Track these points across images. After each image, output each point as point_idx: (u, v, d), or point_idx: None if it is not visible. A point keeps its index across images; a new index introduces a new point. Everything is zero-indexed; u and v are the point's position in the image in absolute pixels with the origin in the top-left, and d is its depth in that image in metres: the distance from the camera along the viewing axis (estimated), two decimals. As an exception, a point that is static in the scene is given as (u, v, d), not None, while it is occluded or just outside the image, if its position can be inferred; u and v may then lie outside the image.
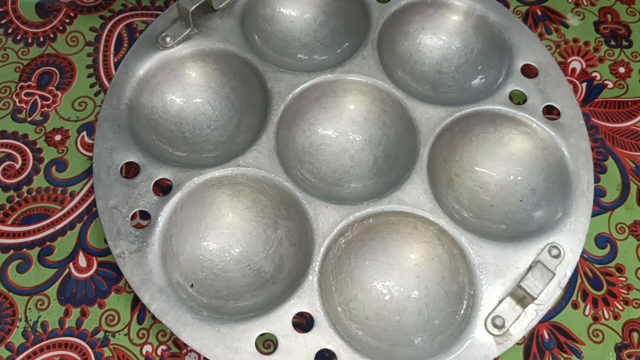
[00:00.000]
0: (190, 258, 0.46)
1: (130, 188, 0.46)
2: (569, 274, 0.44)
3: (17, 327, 0.47)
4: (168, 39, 0.52)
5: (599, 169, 0.54)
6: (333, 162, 0.50)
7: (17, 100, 0.56)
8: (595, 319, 0.49)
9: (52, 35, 0.59)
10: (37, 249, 0.50)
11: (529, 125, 0.50)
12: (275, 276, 0.46)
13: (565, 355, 0.47)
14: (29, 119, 0.55)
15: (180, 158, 0.50)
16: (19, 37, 0.59)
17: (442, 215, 0.46)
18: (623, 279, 0.50)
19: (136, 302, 0.48)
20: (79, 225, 0.51)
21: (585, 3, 0.63)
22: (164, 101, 0.52)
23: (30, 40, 0.59)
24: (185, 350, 0.47)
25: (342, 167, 0.50)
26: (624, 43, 0.61)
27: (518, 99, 0.52)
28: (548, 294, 0.43)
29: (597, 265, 0.50)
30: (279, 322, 0.42)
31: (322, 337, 0.42)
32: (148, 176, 0.47)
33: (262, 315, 0.42)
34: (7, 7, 0.61)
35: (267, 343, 0.45)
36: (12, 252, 0.50)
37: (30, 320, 0.47)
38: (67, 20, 0.60)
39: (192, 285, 0.45)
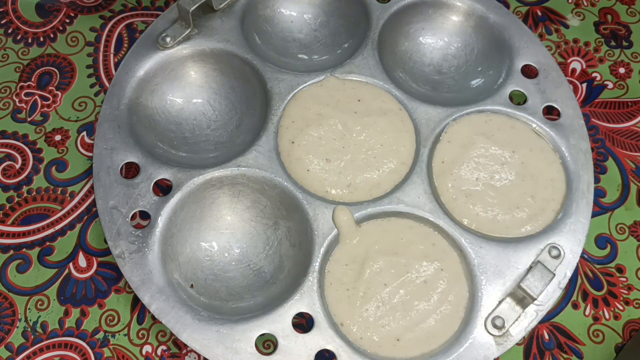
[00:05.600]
0: (190, 258, 0.46)
1: (130, 188, 0.46)
2: (569, 274, 0.44)
3: (17, 327, 0.47)
4: (168, 39, 0.52)
5: (599, 169, 0.54)
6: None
7: (17, 100, 0.56)
8: (596, 319, 0.49)
9: (52, 35, 0.59)
10: (37, 249, 0.50)
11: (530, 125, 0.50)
12: (275, 276, 0.46)
13: (565, 356, 0.47)
14: (29, 119, 0.55)
15: (180, 158, 0.50)
16: (19, 37, 0.59)
17: (442, 215, 0.46)
18: (623, 279, 0.50)
19: (136, 302, 0.48)
20: (78, 226, 0.51)
21: (585, 3, 0.63)
22: (164, 101, 0.52)
23: (30, 40, 0.59)
24: (185, 351, 0.47)
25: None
26: (624, 43, 0.61)
27: (518, 99, 0.52)
28: (548, 295, 0.43)
29: (597, 266, 0.50)
30: (279, 323, 0.42)
31: (322, 337, 0.42)
32: (148, 176, 0.47)
33: (262, 315, 0.42)
34: (7, 7, 0.61)
35: (267, 343, 0.45)
36: (12, 252, 0.50)
37: (30, 320, 0.47)
38: (67, 20, 0.60)
39: (192, 286, 0.45)
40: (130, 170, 0.49)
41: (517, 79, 0.52)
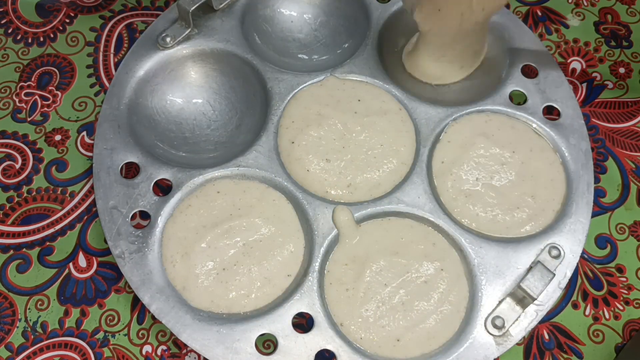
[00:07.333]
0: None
1: (130, 188, 0.46)
2: (569, 274, 0.44)
3: (17, 327, 0.47)
4: (168, 39, 0.52)
5: (599, 169, 0.54)
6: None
7: (17, 100, 0.56)
8: (596, 319, 0.49)
9: (52, 35, 0.59)
10: (37, 249, 0.50)
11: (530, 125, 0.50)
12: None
13: (565, 356, 0.47)
14: (29, 119, 0.55)
15: (180, 158, 0.50)
16: (19, 37, 0.59)
17: (441, 215, 0.46)
18: (623, 279, 0.50)
19: (136, 302, 0.48)
20: (78, 225, 0.51)
21: (585, 3, 0.63)
22: (164, 101, 0.52)
23: (30, 40, 0.59)
24: (185, 351, 0.47)
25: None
26: (624, 43, 0.61)
27: (518, 99, 0.52)
28: (548, 295, 0.43)
29: (598, 266, 0.50)
30: (279, 323, 0.42)
31: (322, 337, 0.42)
32: (148, 176, 0.47)
33: (262, 315, 0.42)
34: (7, 7, 0.61)
35: (267, 343, 0.45)
36: (12, 252, 0.50)
37: (30, 320, 0.47)
38: (67, 20, 0.60)
39: None
40: (130, 170, 0.49)
41: (517, 78, 0.52)
